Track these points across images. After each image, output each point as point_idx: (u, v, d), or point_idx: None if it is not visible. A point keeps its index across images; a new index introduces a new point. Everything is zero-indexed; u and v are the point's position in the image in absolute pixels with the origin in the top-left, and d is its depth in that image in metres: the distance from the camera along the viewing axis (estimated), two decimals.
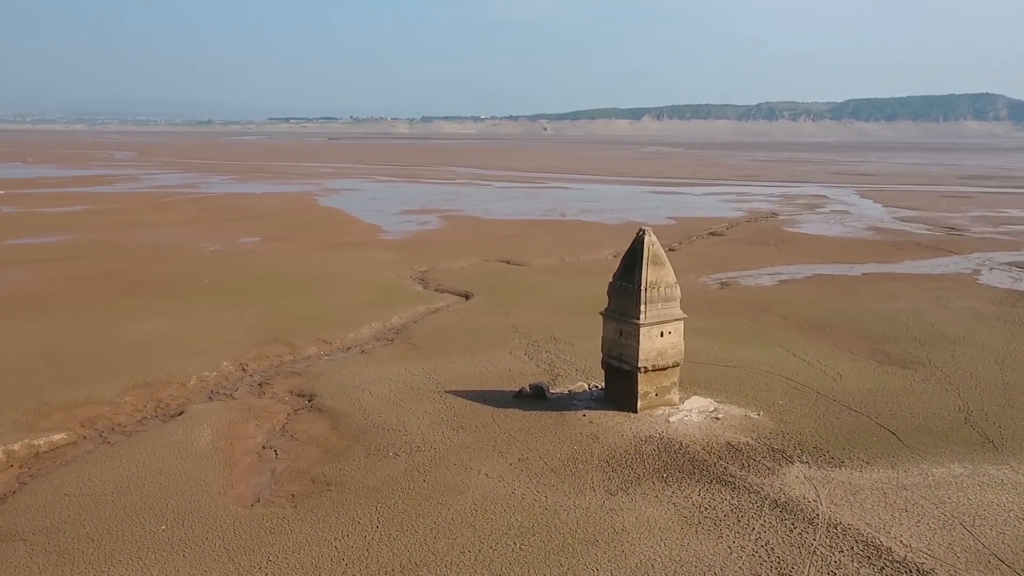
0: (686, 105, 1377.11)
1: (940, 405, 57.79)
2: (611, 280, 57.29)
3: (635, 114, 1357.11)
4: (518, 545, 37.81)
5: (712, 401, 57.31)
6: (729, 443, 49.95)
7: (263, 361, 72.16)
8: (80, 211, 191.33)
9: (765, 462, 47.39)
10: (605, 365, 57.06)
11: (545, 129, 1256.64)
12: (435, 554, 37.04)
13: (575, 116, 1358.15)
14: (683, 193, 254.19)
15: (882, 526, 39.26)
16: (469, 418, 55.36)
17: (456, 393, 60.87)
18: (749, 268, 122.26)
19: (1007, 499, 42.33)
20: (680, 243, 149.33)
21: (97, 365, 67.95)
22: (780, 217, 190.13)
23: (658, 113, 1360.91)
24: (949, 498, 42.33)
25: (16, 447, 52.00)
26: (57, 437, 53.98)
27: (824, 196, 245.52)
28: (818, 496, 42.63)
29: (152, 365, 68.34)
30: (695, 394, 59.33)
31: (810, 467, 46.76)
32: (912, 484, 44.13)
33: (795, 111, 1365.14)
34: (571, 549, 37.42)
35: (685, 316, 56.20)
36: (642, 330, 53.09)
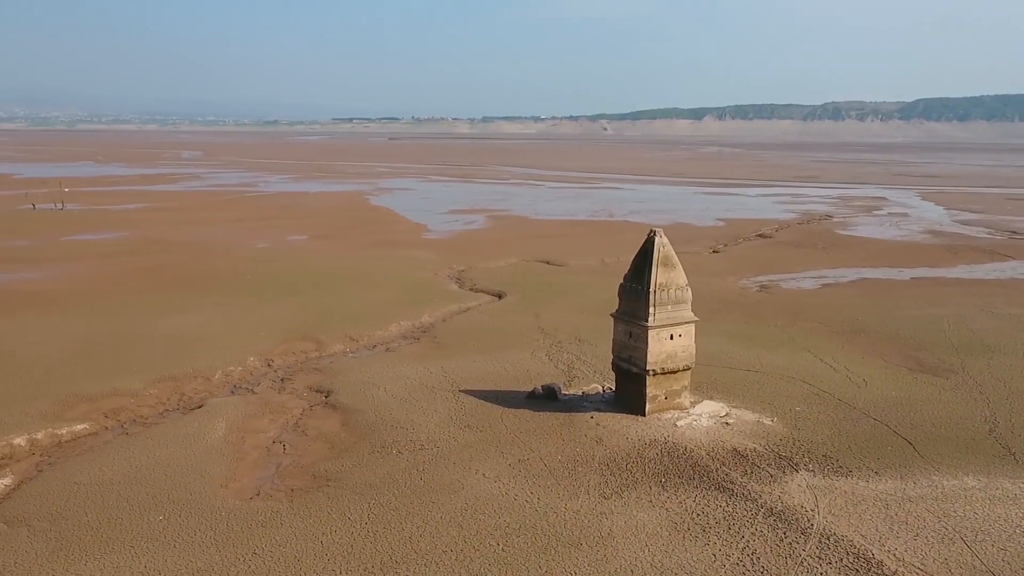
0: (749, 105, 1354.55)
1: (966, 415, 55.78)
2: (622, 281, 56.70)
3: (697, 114, 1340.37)
4: (501, 546, 37.74)
5: (725, 406, 56.32)
6: (735, 449, 49.03)
7: (289, 357, 73.34)
8: (140, 209, 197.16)
9: (769, 469, 46.38)
10: (615, 367, 56.57)
11: (605, 129, 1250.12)
12: (417, 552, 37.20)
13: (636, 116, 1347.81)
14: (737, 194, 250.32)
15: (878, 538, 38.08)
16: (478, 418, 55.44)
17: (470, 392, 61.01)
18: (793, 271, 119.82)
19: (1017, 514, 40.67)
20: (725, 245, 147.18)
21: (129, 358, 69.90)
22: (834, 219, 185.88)
23: (720, 113, 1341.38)
24: (955, 512, 40.84)
25: (40, 436, 53.87)
26: (79, 427, 55.76)
27: (883, 198, 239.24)
28: (816, 505, 41.57)
29: (180, 359, 70.03)
30: (709, 398, 58.43)
31: (815, 475, 45.61)
32: (918, 496, 42.70)
33: (862, 111, 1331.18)
34: (553, 552, 37.20)
35: (696, 319, 55.34)
36: (651, 332, 52.45)
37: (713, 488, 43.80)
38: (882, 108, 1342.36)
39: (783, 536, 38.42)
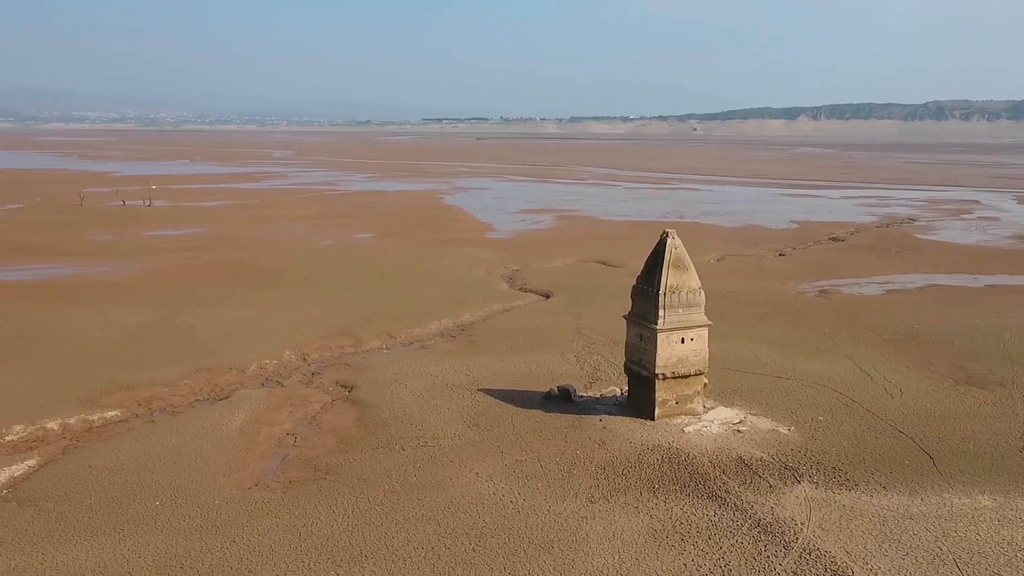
0: (846, 104, 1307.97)
1: (1000, 431, 52.77)
2: (634, 283, 55.81)
3: (790, 114, 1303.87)
4: (472, 546, 37.71)
5: (740, 413, 54.82)
6: (741, 457, 47.66)
7: (325, 352, 74.86)
8: (222, 206, 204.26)
9: (770, 479, 44.93)
10: (627, 370, 55.76)
11: (695, 129, 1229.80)
12: (389, 548, 37.53)
13: (726, 116, 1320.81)
14: (819, 196, 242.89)
15: (863, 556, 36.42)
16: (488, 417, 55.48)
17: (488, 391, 61.09)
18: (857, 276, 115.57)
19: (1022, 538, 38.22)
20: (794, 248, 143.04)
21: (171, 349, 72.59)
22: (916, 223, 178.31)
23: (815, 113, 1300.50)
24: (956, 531, 38.70)
25: (72, 421, 56.51)
26: (111, 414, 58.26)
27: (975, 201, 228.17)
28: (808, 519, 40.03)
29: (219, 351, 72.32)
30: (731, 405, 56.98)
31: (817, 488, 43.93)
32: (921, 514, 40.64)
33: (967, 110, 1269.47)
34: (522, 554, 36.96)
35: (709, 323, 54.03)
36: (660, 335, 51.46)
37: (705, 496, 42.70)
38: (989, 107, 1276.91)
39: (763, 549, 37.17)
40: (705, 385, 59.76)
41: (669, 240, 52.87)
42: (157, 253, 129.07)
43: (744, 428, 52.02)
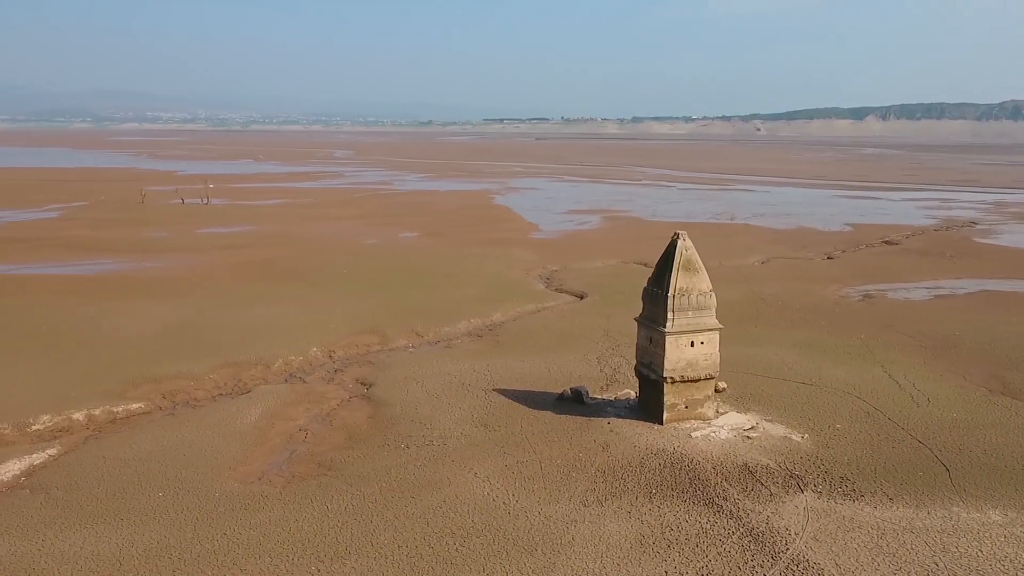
0: (916, 104, 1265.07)
1: None
2: (645, 285, 55.09)
3: (858, 114, 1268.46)
4: (455, 546, 37.68)
5: (753, 418, 53.65)
6: (746, 464, 46.65)
7: (351, 349, 75.70)
8: (275, 204, 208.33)
9: (772, 488, 43.86)
10: (637, 373, 55.07)
11: (758, 130, 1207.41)
12: (373, 546, 37.76)
13: (791, 116, 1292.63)
14: (879, 198, 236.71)
15: (852, 569, 35.27)
16: (498, 417, 55.42)
17: (503, 391, 61.02)
18: (907, 280, 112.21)
19: None
20: (844, 251, 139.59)
21: (202, 343, 74.25)
22: (977, 227, 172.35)
23: (883, 113, 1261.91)
24: (957, 547, 37.21)
25: (97, 412, 58.26)
26: (135, 406, 59.87)
27: None
28: (803, 529, 38.95)
29: (248, 347, 73.70)
30: (748, 410, 55.87)
31: (820, 497, 42.74)
32: (924, 527, 39.19)
33: None
34: (504, 555, 36.78)
35: (720, 326, 53.01)
36: (669, 338, 50.70)
37: (701, 503, 41.89)
38: None
39: (749, 559, 36.29)
40: (722, 390, 58.89)
41: (680, 242, 52.12)
42: (206, 250, 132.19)
43: (755, 434, 50.90)
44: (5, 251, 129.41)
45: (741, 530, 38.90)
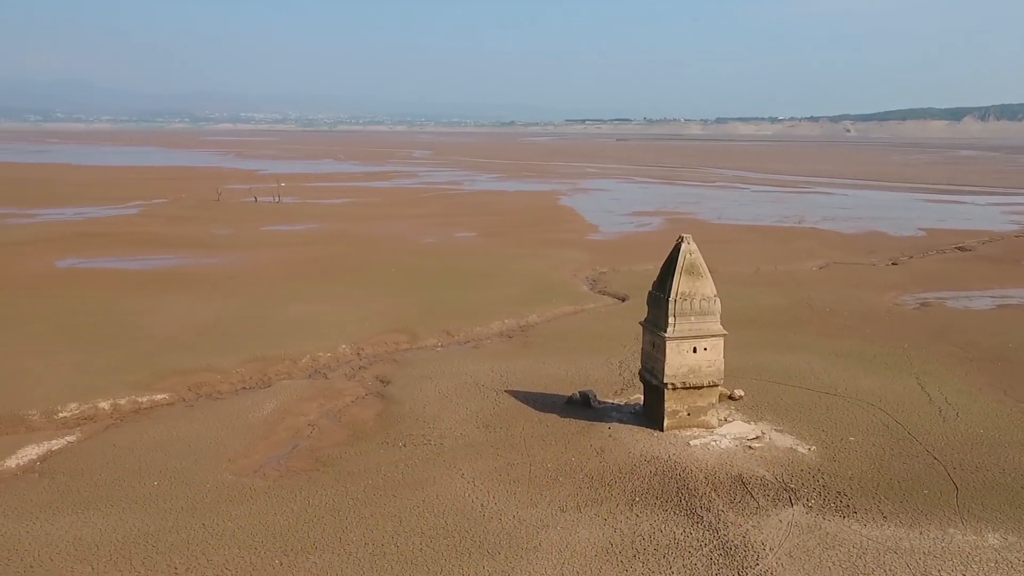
0: (1019, 104, 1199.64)
1: None
2: (650, 289, 54.03)
3: (955, 114, 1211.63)
4: (420, 546, 37.72)
5: (760, 428, 52.03)
6: (740, 475, 45.27)
7: (379, 347, 76.56)
8: (343, 203, 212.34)
9: (761, 500, 42.45)
10: (641, 378, 54.05)
11: (848, 131, 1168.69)
12: (340, 542, 38.12)
13: (883, 117, 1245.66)
14: (963, 202, 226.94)
15: None
16: (502, 419, 55.23)
17: (514, 393, 60.79)
18: (971, 289, 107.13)
19: None
20: (910, 257, 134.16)
21: (235, 338, 76.24)
22: None
23: (983, 113, 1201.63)
24: (940, 571, 35.29)
25: (123, 402, 60.47)
26: (159, 397, 61.91)
27: None
28: (780, 545, 37.54)
29: (280, 342, 75.30)
30: (761, 419, 54.26)
31: (808, 513, 41.13)
32: (910, 548, 37.28)
33: None
34: (466, 557, 36.63)
35: (725, 332, 51.55)
36: (670, 343, 49.61)
37: (682, 513, 40.85)
38: None
39: (715, 572, 35.18)
40: (739, 398, 57.43)
41: (684, 245, 50.97)
42: (265, 247, 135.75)
43: (758, 445, 49.36)
44: (81, 244, 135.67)
45: (714, 543, 37.79)
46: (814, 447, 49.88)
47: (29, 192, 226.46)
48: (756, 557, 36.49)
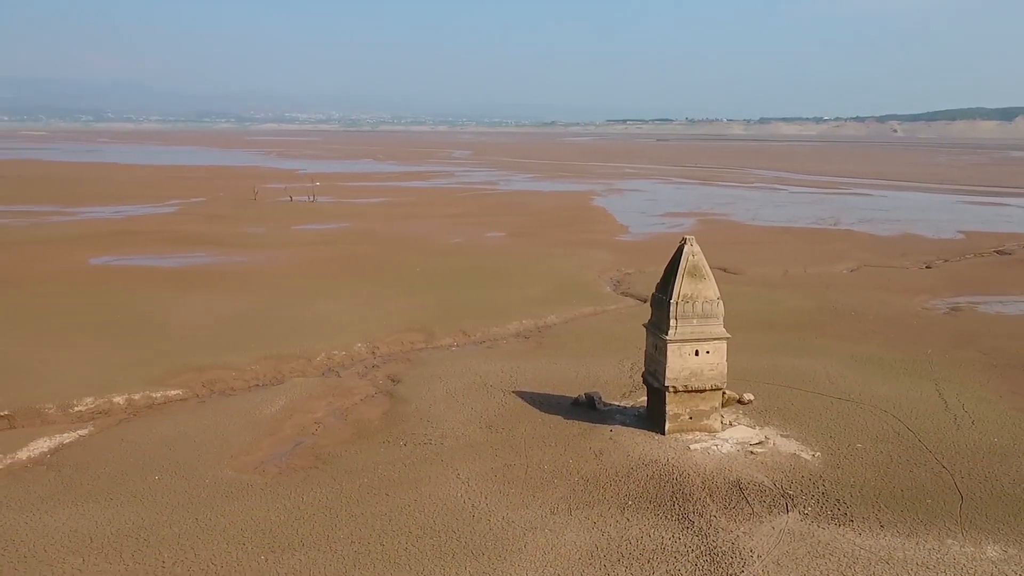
0: None
1: None
2: (653, 291, 53.50)
3: (1007, 114, 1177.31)
4: (405, 545, 37.77)
5: (762, 433, 51.21)
6: (738, 481, 44.60)
7: (395, 346, 76.90)
8: (376, 203, 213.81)
9: (757, 506, 41.77)
10: (645, 381, 53.54)
11: (895, 131, 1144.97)
12: (327, 540, 38.35)
13: (931, 116, 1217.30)
14: (1007, 205, 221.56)
15: None
16: (506, 419, 55.13)
17: (521, 393, 60.65)
18: (1007, 294, 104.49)
19: None
20: (946, 260, 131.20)
21: (255, 336, 77.11)
22: None
23: None
24: None
25: (137, 397, 61.52)
26: (173, 393, 62.88)
27: None
28: (769, 552, 36.89)
29: (296, 340, 76.03)
30: (768, 424, 53.44)
31: (803, 520, 40.38)
32: (903, 559, 36.38)
33: None
34: (449, 557, 36.59)
35: (728, 336, 50.83)
36: (671, 346, 49.07)
37: (674, 519, 40.36)
38: None
39: None
40: (748, 402, 56.67)
41: (687, 247, 50.37)
42: (294, 246, 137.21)
43: (760, 450, 48.60)
44: (116, 242, 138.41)
45: (701, 549, 37.28)
46: (819, 453, 48.99)
47: (73, 190, 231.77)
48: (743, 564, 35.92)
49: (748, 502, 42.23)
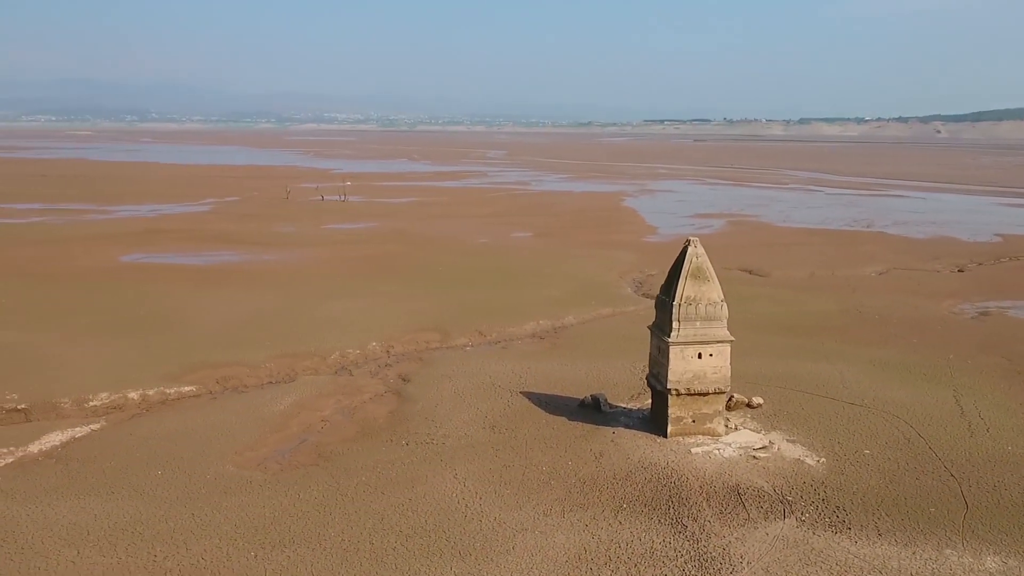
0: None
1: None
2: (658, 293, 53.03)
3: None
4: (394, 544, 37.87)
5: (768, 437, 50.50)
6: (738, 485, 44.03)
7: (409, 345, 77.13)
8: (407, 203, 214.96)
9: (753, 512, 41.19)
10: (648, 383, 53.09)
11: (938, 132, 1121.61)
12: (317, 537, 38.57)
13: (977, 117, 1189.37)
14: None
15: None
16: (510, 420, 55.06)
17: (529, 394, 60.54)
18: None
19: None
20: (980, 264, 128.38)
21: (272, 333, 77.88)
22: None
23: None
24: None
25: (151, 392, 62.48)
26: (187, 389, 63.73)
27: None
28: (759, 558, 36.34)
29: (314, 338, 76.62)
30: (774, 429, 52.73)
31: (799, 526, 39.73)
32: (897, 569, 35.59)
33: None
34: (436, 557, 36.61)
35: (731, 339, 50.17)
36: (673, 349, 48.61)
37: (667, 523, 39.96)
38: None
39: None
40: (757, 406, 56.01)
41: (691, 248, 49.93)
42: (321, 245, 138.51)
43: (763, 455, 47.97)
44: (147, 240, 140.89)
45: (691, 554, 36.85)
46: (824, 459, 48.21)
47: (112, 189, 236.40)
48: (731, 570, 35.45)
49: (745, 507, 41.67)
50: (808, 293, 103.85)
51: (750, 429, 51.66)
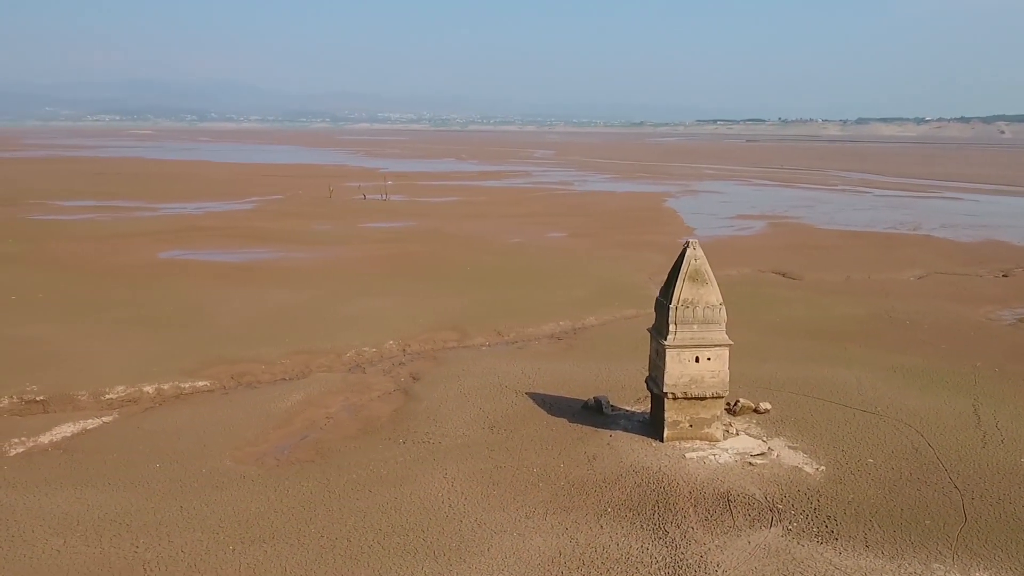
0: None
1: None
2: (657, 295, 52.33)
3: None
4: (371, 542, 37.97)
5: (768, 444, 49.47)
6: (728, 492, 43.23)
7: (426, 344, 77.45)
8: (447, 202, 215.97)
9: (740, 520, 40.39)
10: (647, 386, 52.42)
11: (1002, 132, 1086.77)
12: (297, 534, 38.87)
13: None
14: None
15: None
16: (511, 420, 54.92)
17: (534, 395, 60.32)
18: None
19: None
20: None
21: (292, 330, 78.89)
22: None
23: None
24: None
25: (167, 387, 63.75)
26: (201, 384, 64.88)
27: None
28: (734, 568, 35.58)
29: (332, 336, 77.41)
30: (777, 435, 51.70)
31: (785, 536, 38.81)
32: None
33: None
34: (410, 556, 36.62)
35: (730, 343, 49.26)
36: (670, 352, 47.92)
37: (648, 528, 39.39)
38: None
39: None
40: (764, 411, 55.03)
41: (689, 251, 49.23)
42: (355, 243, 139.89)
43: (760, 461, 47.02)
44: (188, 237, 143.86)
45: (667, 560, 36.26)
46: (823, 467, 47.07)
47: (162, 187, 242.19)
48: None
49: (732, 515, 40.90)
50: (839, 297, 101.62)
51: (751, 435, 50.70)
